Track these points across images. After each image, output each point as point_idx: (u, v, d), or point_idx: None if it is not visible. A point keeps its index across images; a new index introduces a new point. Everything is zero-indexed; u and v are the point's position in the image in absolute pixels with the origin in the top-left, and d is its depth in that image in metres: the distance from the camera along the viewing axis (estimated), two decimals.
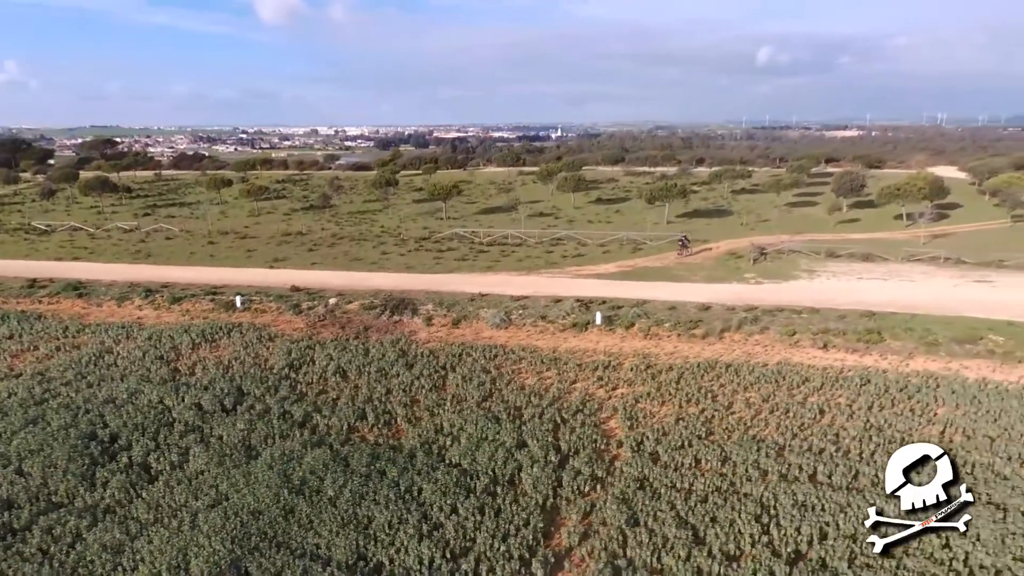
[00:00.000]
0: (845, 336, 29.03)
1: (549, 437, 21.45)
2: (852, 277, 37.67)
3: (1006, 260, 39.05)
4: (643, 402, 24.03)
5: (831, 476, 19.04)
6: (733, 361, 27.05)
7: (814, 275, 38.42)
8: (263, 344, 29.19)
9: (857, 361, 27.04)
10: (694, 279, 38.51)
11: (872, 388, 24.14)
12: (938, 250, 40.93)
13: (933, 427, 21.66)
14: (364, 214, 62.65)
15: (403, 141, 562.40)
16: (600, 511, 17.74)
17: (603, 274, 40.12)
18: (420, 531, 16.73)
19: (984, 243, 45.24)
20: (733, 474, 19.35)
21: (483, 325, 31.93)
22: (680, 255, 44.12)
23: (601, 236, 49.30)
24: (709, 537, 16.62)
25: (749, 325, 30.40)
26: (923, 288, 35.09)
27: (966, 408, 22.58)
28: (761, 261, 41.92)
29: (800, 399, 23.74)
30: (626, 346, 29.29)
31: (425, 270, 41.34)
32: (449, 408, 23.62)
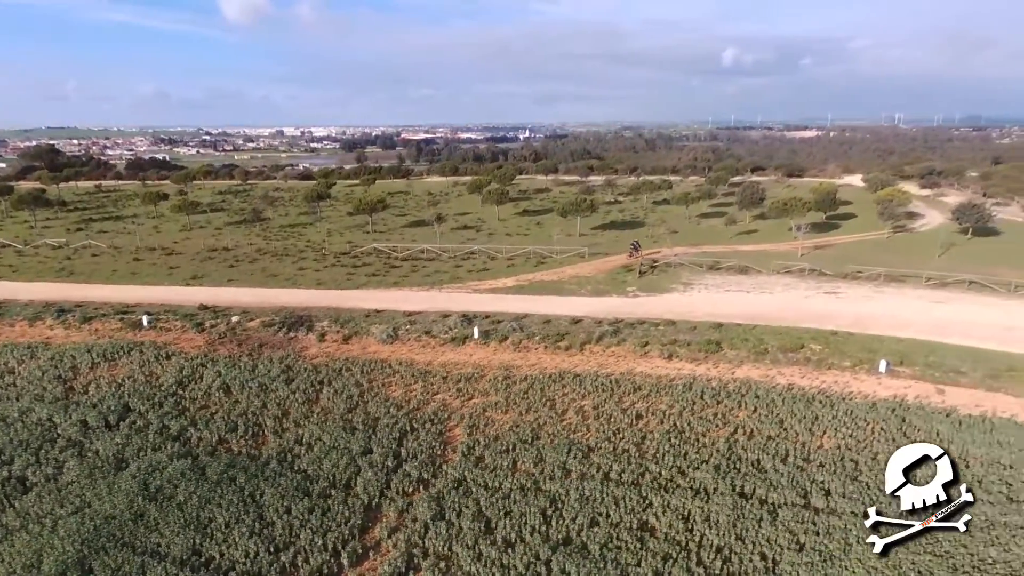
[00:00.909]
0: (690, 347, 32.54)
1: (394, 444, 24.38)
2: (721, 290, 41.31)
3: (862, 271, 43.12)
4: (490, 411, 27.13)
5: (622, 474, 22.33)
6: (582, 372, 30.31)
7: (689, 288, 41.99)
8: (159, 362, 31.54)
9: (692, 370, 30.52)
10: (581, 292, 41.79)
11: (691, 394, 27.58)
12: (803, 263, 44.83)
13: (726, 428, 25.14)
14: (295, 227, 64.85)
15: (370, 142, 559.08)
16: (414, 508, 20.75)
17: (500, 288, 43.16)
18: (253, 529, 19.53)
19: (855, 254, 49.48)
20: (540, 474, 22.53)
21: (371, 340, 34.72)
22: (631, 257, 48.04)
23: (512, 249, 52.39)
24: (498, 528, 19.73)
25: (609, 337, 33.74)
26: (777, 300, 38.86)
27: (761, 412, 26.14)
28: (649, 272, 45.48)
29: (626, 405, 27.08)
30: (495, 359, 32.36)
31: (335, 286, 43.88)
32: (314, 420, 26.40)
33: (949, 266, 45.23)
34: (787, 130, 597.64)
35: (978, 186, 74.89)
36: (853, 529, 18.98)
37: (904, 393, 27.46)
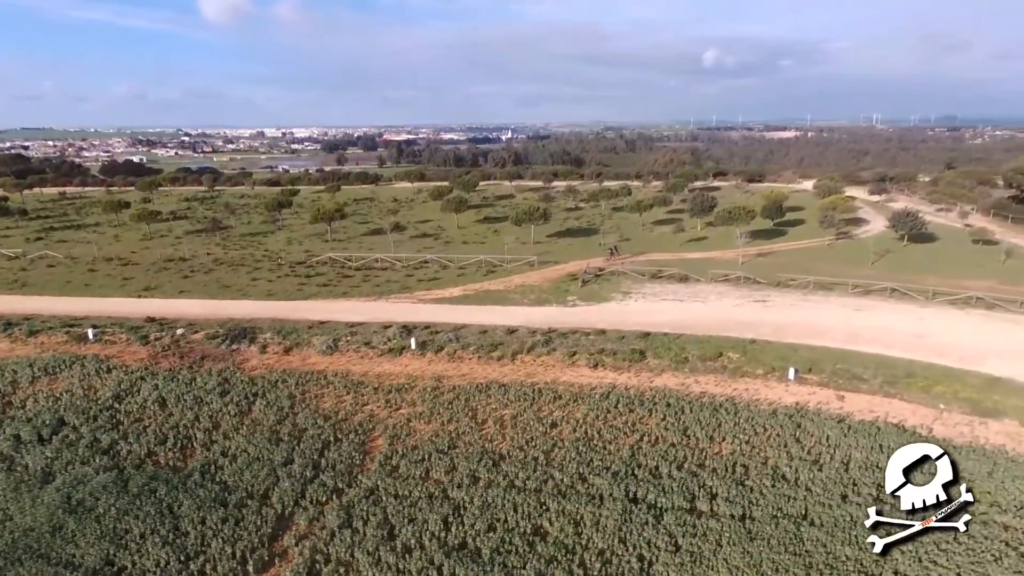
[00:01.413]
0: (615, 356, 34.01)
1: (315, 455, 25.53)
2: (657, 299, 42.84)
3: (794, 280, 44.86)
4: (414, 421, 28.37)
5: (527, 481, 23.66)
6: (509, 382, 31.63)
7: (627, 297, 43.48)
8: (99, 376, 32.38)
9: (614, 379, 31.97)
10: (523, 302, 43.13)
11: (607, 403, 29.00)
12: (739, 271, 46.50)
13: (633, 436, 26.58)
14: (255, 236, 65.58)
15: (351, 144, 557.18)
16: (324, 517, 21.93)
17: (446, 298, 44.38)
18: (167, 539, 20.61)
19: (793, 261, 51.27)
20: (450, 482, 23.80)
21: (312, 352, 35.81)
22: (608, 260, 51.38)
23: (464, 259, 53.60)
24: (400, 534, 20.97)
25: (541, 347, 35.10)
26: (708, 309, 40.45)
27: (670, 419, 27.60)
28: (592, 281, 46.96)
29: (544, 415, 28.44)
30: (428, 369, 33.61)
31: (285, 297, 44.85)
32: (243, 432, 27.46)
33: (880, 273, 47.15)
34: (767, 130, 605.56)
35: (925, 192, 77.25)
36: (727, 531, 20.45)
37: (807, 400, 29.09)
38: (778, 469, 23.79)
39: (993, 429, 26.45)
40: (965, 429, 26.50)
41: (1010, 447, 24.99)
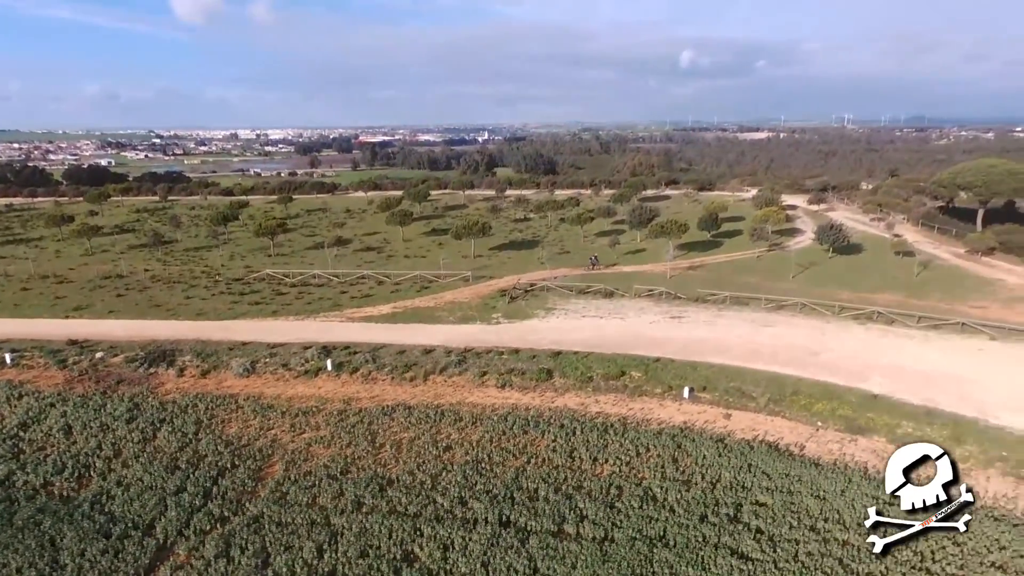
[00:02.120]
0: (524, 376, 35.07)
1: (209, 483, 26.18)
2: (578, 316, 44.00)
3: (713, 295, 46.33)
4: (315, 446, 29.12)
5: (408, 506, 24.56)
6: (416, 404, 32.54)
7: (550, 314, 44.59)
8: (9, 403, 32.63)
9: (518, 400, 33.03)
10: (448, 320, 44.02)
11: (504, 425, 30.01)
12: (662, 287, 47.87)
13: (521, 459, 27.59)
14: (199, 251, 65.65)
15: (326, 145, 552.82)
16: (203, 547, 22.62)
17: (374, 316, 45.10)
18: (43, 573, 21.16)
19: (720, 275, 52.84)
20: (334, 508, 24.61)
21: (229, 374, 36.36)
22: (589, 270, 54.30)
23: (401, 274, 54.34)
24: (274, 563, 21.74)
25: (454, 367, 36.05)
26: (624, 325, 41.68)
27: (560, 441, 28.66)
28: (521, 297, 48.02)
29: (441, 437, 29.36)
30: (341, 391, 34.37)
31: (215, 316, 45.23)
32: (143, 460, 27.99)
33: (799, 287, 48.87)
34: (741, 131, 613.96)
35: (864, 201, 79.57)
36: (584, 554, 21.54)
37: (695, 419, 30.41)
38: (650, 490, 24.96)
39: (861, 446, 27.96)
40: (835, 447, 27.96)
41: (872, 464, 26.46)
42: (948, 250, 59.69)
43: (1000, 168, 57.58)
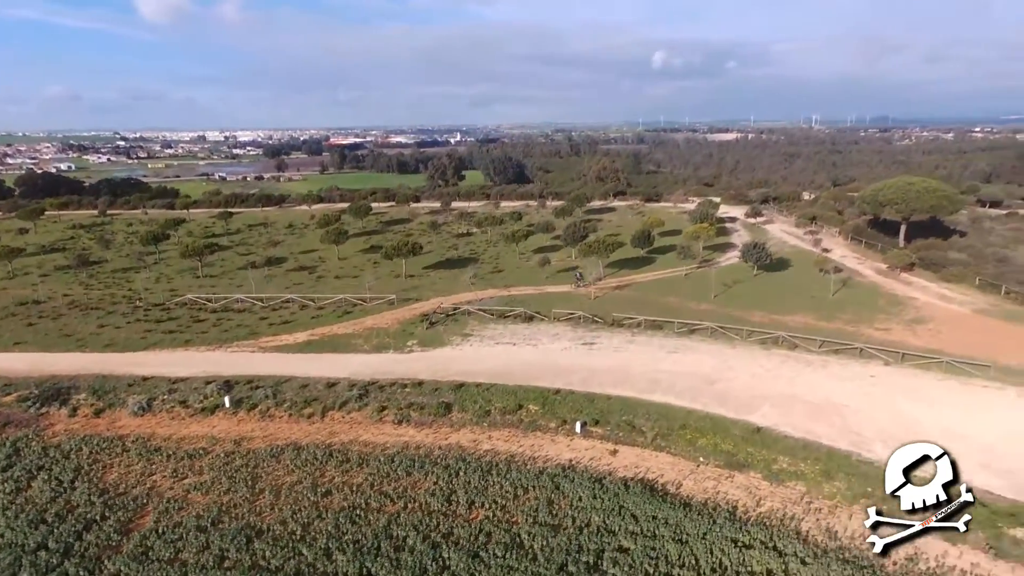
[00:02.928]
0: (423, 411, 34.97)
1: (73, 538, 25.59)
2: (492, 342, 44.01)
3: (629, 319, 46.67)
4: (194, 492, 28.65)
5: (271, 560, 24.27)
6: (309, 443, 32.24)
7: (465, 340, 44.51)
8: None
9: (412, 437, 32.90)
10: (363, 348, 43.71)
11: (391, 466, 29.84)
12: (581, 310, 48.10)
13: (398, 504, 27.44)
14: (127, 272, 64.29)
15: (296, 147, 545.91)
16: None
17: (288, 345, 44.59)
18: None
19: (643, 296, 53.25)
20: (196, 564, 24.22)
21: (123, 413, 35.68)
22: (575, 287, 54.82)
23: (325, 298, 53.81)
24: None
25: (354, 402, 35.82)
26: (536, 353, 41.77)
27: (442, 483, 28.55)
28: (441, 322, 47.88)
29: (324, 481, 29.11)
30: (235, 430, 33.92)
31: (124, 347, 44.31)
32: (12, 512, 27.27)
33: (717, 307, 49.48)
34: (711, 132, 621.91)
35: (800, 213, 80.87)
36: None
37: (581, 456, 30.58)
38: (518, 537, 25.02)
39: (736, 483, 28.38)
40: (711, 484, 28.33)
41: (742, 502, 26.89)
42: (871, 265, 60.99)
43: (918, 186, 59.01)
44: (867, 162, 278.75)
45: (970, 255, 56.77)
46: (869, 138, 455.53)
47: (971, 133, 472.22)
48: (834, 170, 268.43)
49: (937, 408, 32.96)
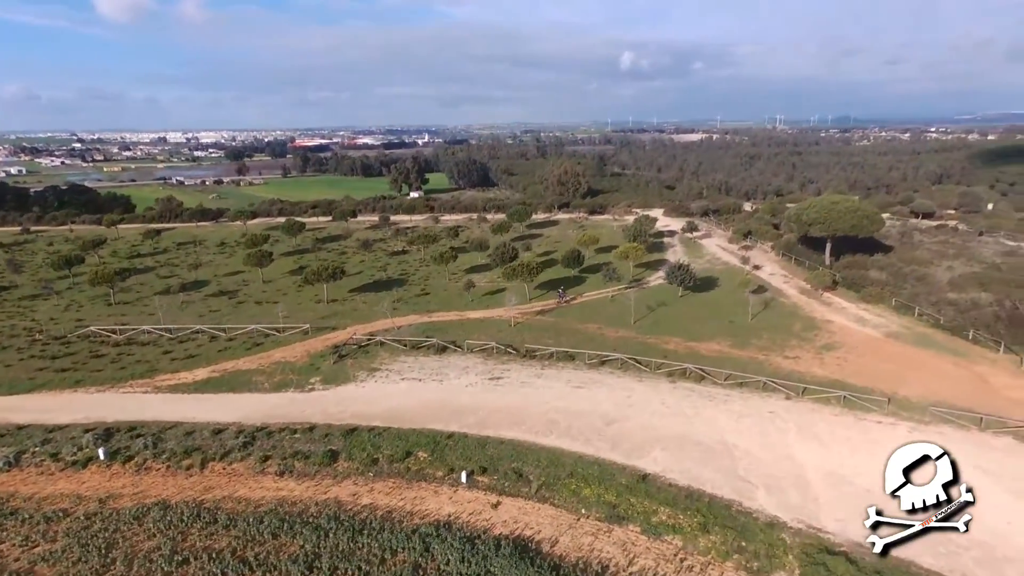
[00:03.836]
0: (308, 460, 33.55)
1: None
2: (398, 377, 42.74)
3: (545, 350, 45.76)
4: (40, 565, 26.80)
5: None
6: (178, 501, 30.58)
7: (371, 376, 43.15)
8: None
9: (290, 491, 31.46)
10: (263, 387, 42.04)
11: (258, 528, 28.28)
12: (496, 339, 47.07)
13: (256, 574, 26.04)
14: (36, 299, 61.46)
15: (259, 149, 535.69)
16: None
17: (185, 384, 42.70)
18: None
19: (564, 322, 52.46)
20: None
21: None
22: (559, 304, 55.88)
23: (239, 327, 51.88)
24: None
25: (239, 451, 34.23)
26: (440, 390, 40.62)
27: (308, 547, 27.15)
28: (352, 355, 46.43)
29: (186, 546, 27.46)
30: (104, 487, 32.07)
31: (11, 389, 41.94)
32: None
33: (634, 334, 48.95)
34: (677, 133, 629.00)
35: (735, 228, 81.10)
36: None
37: (462, 511, 29.49)
38: None
39: (614, 538, 27.57)
40: (587, 540, 27.47)
41: (615, 561, 26.08)
42: (796, 284, 61.18)
43: (841, 206, 59.37)
44: (825, 164, 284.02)
45: (890, 274, 57.24)
46: (829, 139, 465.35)
47: (927, 133, 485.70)
48: (793, 171, 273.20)
49: (827, 448, 32.71)
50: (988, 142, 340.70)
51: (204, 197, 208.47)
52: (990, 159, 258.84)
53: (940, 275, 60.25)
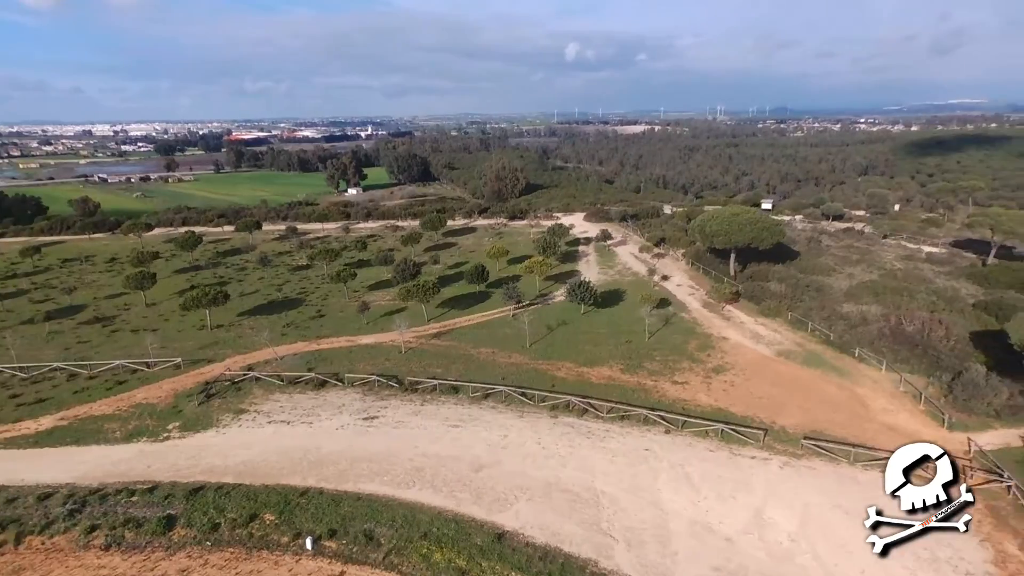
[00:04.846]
0: (140, 529, 30.47)
1: None
2: (265, 420, 39.75)
3: (426, 383, 43.43)
4: None
5: None
6: None
7: (237, 419, 39.99)
8: None
9: (115, 567, 28.41)
10: (113, 436, 38.39)
11: None
12: (372, 375, 44.36)
13: None
14: None
15: (192, 143, 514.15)
16: None
17: (23, 437, 38.53)
18: None
19: (458, 346, 50.26)
20: None
21: None
22: (515, 309, 55.08)
23: (103, 363, 47.69)
24: None
25: (63, 522, 30.83)
26: (308, 435, 37.81)
27: None
28: (222, 393, 43.10)
29: None
30: None
31: None
32: None
33: (528, 359, 47.17)
34: (621, 124, 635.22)
35: (648, 236, 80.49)
36: None
37: None
38: None
39: None
40: None
41: None
42: (701, 297, 60.67)
43: (742, 217, 59.04)
44: (760, 156, 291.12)
45: (789, 286, 57.23)
46: (766, 130, 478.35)
47: (856, 124, 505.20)
48: (729, 164, 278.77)
49: (696, 490, 31.65)
50: (911, 134, 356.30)
51: (127, 196, 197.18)
52: (912, 151, 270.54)
53: (839, 284, 60.74)
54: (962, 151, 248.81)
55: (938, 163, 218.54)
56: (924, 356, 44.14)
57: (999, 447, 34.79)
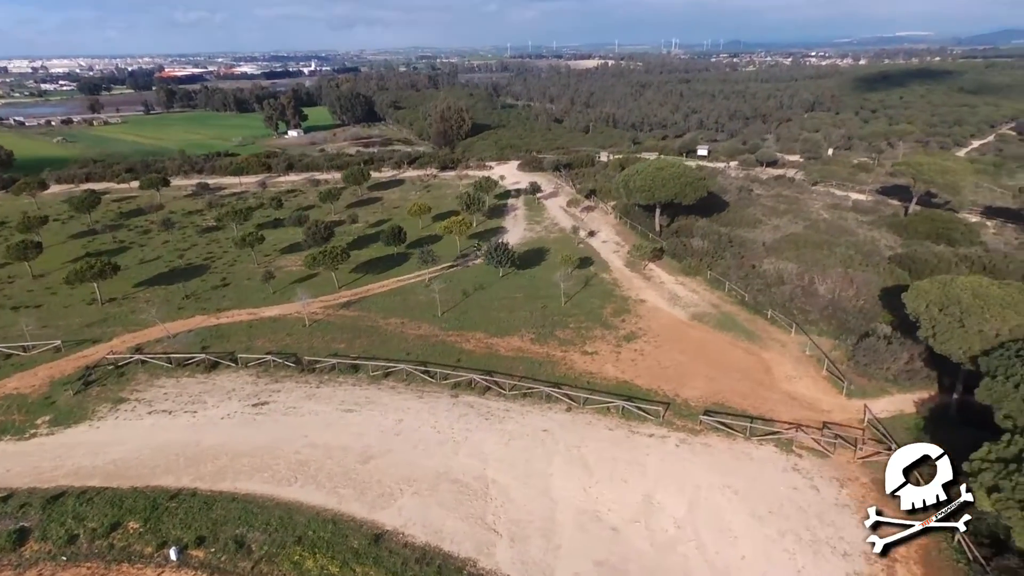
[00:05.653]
0: None
1: None
2: (146, 411, 37.08)
3: (324, 362, 41.08)
4: None
5: None
6: None
7: (115, 410, 37.18)
8: None
9: None
10: None
11: None
12: (268, 355, 41.77)
13: None
14: None
15: (120, 81, 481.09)
16: None
17: None
18: None
19: (367, 316, 47.86)
20: None
21: None
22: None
23: None
24: None
25: None
26: (188, 426, 35.42)
27: None
28: (103, 379, 40.06)
29: None
30: None
31: None
32: None
33: (438, 329, 45.32)
34: (575, 59, 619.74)
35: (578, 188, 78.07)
36: None
37: None
38: None
39: None
40: None
41: None
42: (624, 255, 59.24)
43: (667, 172, 57.06)
44: (710, 92, 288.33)
45: (711, 242, 56.23)
46: (719, 64, 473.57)
47: (807, 58, 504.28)
48: (679, 101, 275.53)
49: (590, 474, 30.85)
50: (859, 68, 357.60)
51: (47, 141, 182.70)
52: (858, 86, 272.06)
53: (764, 236, 60.09)
54: (906, 86, 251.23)
55: (881, 99, 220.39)
56: (833, 317, 43.93)
57: (893, 414, 34.91)
